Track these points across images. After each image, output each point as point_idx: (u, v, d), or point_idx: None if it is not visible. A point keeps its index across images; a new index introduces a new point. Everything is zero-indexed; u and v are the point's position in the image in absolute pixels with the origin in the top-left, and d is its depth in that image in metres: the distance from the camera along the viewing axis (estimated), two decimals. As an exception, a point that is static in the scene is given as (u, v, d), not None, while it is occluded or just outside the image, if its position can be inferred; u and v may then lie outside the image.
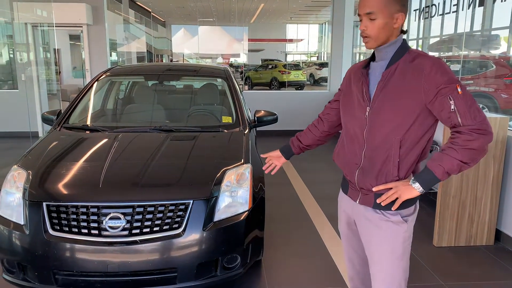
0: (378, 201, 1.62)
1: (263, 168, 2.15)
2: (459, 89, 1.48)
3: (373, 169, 1.62)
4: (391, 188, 1.58)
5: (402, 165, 1.59)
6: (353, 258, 1.91)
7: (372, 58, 1.69)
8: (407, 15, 1.61)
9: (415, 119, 1.55)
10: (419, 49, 13.85)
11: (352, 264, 1.93)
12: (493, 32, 8.66)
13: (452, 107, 1.48)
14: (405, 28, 1.63)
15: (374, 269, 1.71)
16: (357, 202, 1.73)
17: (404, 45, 1.61)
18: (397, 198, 1.57)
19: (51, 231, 2.27)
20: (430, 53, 11.06)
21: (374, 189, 1.62)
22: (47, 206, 2.32)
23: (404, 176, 1.60)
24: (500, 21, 7.91)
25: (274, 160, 2.15)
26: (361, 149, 1.66)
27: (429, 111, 1.54)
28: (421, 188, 1.54)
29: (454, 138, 1.51)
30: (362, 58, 17.61)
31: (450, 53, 10.08)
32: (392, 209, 1.61)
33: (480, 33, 9.04)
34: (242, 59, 20.46)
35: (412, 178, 1.56)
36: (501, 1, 6.65)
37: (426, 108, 1.54)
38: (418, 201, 1.72)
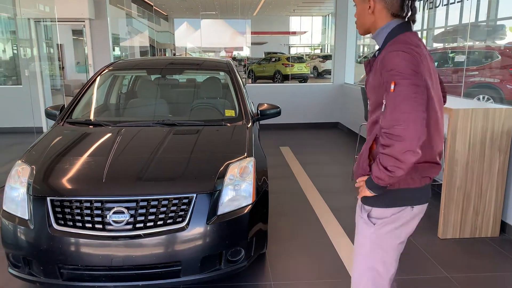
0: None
1: None
2: (392, 86, 1.37)
3: (359, 162, 1.62)
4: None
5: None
6: None
7: None
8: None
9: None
10: (424, 41, 13.73)
11: None
12: (498, 22, 8.57)
13: (383, 106, 1.41)
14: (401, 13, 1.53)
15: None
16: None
17: (393, 32, 1.51)
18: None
19: (55, 226, 2.28)
20: (435, 44, 10.94)
21: (357, 180, 1.62)
22: (51, 201, 2.33)
23: None
24: (506, 11, 7.82)
25: None
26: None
27: None
28: (369, 189, 1.53)
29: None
30: (366, 50, 17.50)
31: (455, 44, 9.98)
32: (358, 197, 1.64)
33: (485, 23, 8.94)
34: (245, 52, 20.39)
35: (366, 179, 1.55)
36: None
37: None
38: (401, 209, 1.59)
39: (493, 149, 3.22)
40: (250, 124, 3.28)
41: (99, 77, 3.80)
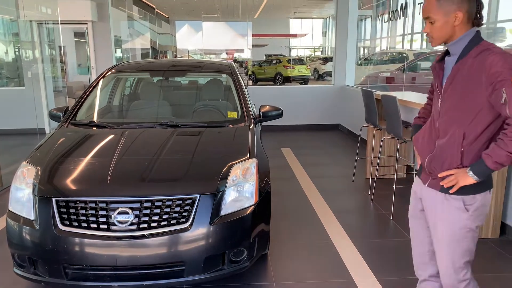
0: (440, 183, 1.77)
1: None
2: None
3: (441, 157, 1.76)
4: (453, 174, 1.72)
5: (465, 154, 1.71)
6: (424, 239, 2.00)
7: (447, 52, 1.79)
8: (477, 7, 1.67)
9: (478, 113, 1.65)
10: (424, 43, 13.75)
11: (422, 244, 2.02)
12: (498, 25, 8.59)
13: (503, 99, 1.55)
14: (482, 21, 1.70)
15: (436, 247, 1.88)
16: (426, 185, 1.87)
17: (475, 39, 1.68)
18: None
19: (60, 226, 2.31)
20: (435, 47, 10.95)
21: (439, 175, 1.77)
22: (57, 201, 2.35)
23: (468, 164, 1.71)
24: (505, 13, 7.85)
25: None
26: (435, 137, 1.79)
27: (492, 105, 1.61)
28: (475, 176, 1.67)
29: (505, 129, 1.60)
30: (366, 52, 17.52)
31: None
32: (450, 191, 1.75)
33: (485, 25, 8.97)
34: (246, 54, 20.45)
35: (470, 167, 1.68)
36: (507, -7, 6.60)
37: (488, 101, 1.61)
38: (486, 193, 1.76)
39: (493, 151, 3.23)
40: (252, 125, 3.30)
41: (102, 79, 3.83)
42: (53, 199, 2.36)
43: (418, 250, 2.04)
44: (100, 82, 3.80)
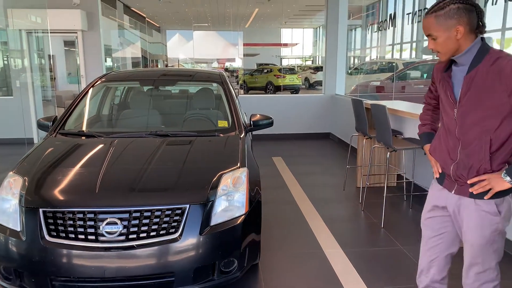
0: (470, 190, 1.76)
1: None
2: None
3: (467, 164, 1.76)
4: (484, 180, 1.72)
5: (494, 160, 1.71)
6: (436, 245, 2.00)
7: (453, 61, 1.78)
8: (478, 15, 1.68)
9: (503, 119, 1.65)
10: (413, 52, 13.95)
11: (431, 251, 2.02)
12: (486, 35, 8.75)
13: None
14: (484, 30, 1.71)
15: (467, 251, 1.87)
16: (453, 192, 1.85)
17: (483, 48, 1.69)
18: (490, 189, 1.71)
19: (47, 237, 2.27)
20: (424, 56, 11.02)
21: (468, 181, 1.76)
22: (44, 212, 2.32)
23: (497, 169, 1.71)
24: (492, 23, 7.99)
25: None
26: (456, 146, 1.79)
27: None
28: None
29: None
30: (356, 61, 17.70)
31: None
32: (484, 198, 1.74)
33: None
34: (238, 63, 20.54)
35: (504, 171, 1.68)
36: (492, 4, 6.73)
37: None
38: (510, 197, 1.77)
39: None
40: (243, 134, 3.30)
41: (91, 88, 3.81)
42: (40, 209, 2.32)
43: (425, 257, 2.05)
44: (90, 91, 3.78)
